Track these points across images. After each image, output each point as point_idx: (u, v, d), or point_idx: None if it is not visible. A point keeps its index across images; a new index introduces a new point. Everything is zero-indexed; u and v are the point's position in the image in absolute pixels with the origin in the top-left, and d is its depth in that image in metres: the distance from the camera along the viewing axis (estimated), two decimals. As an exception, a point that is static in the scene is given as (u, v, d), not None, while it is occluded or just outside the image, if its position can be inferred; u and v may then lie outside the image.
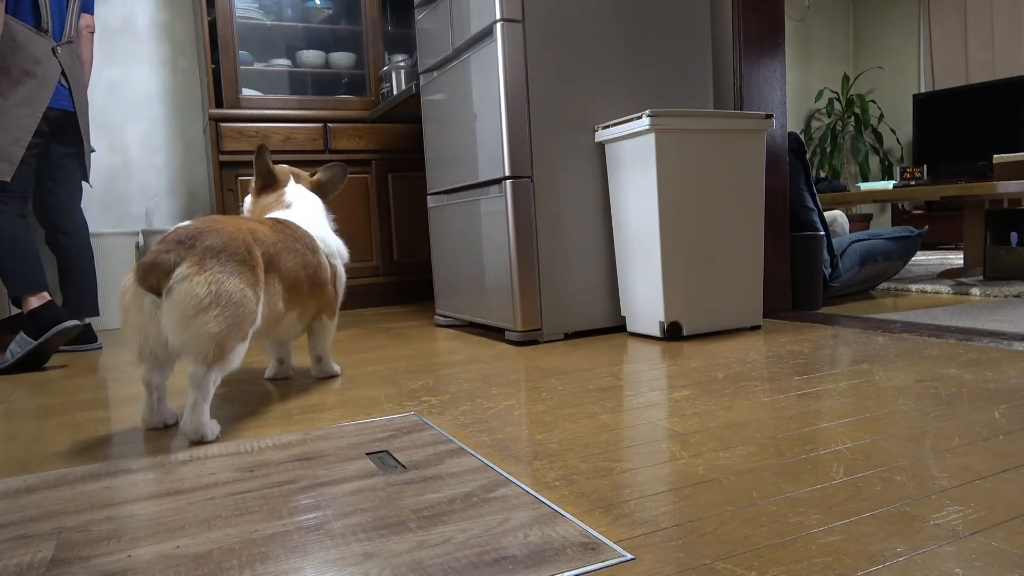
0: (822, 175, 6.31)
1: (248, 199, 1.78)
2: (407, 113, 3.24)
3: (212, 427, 1.23)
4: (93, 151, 2.74)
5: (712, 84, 2.33)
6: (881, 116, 6.40)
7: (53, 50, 2.32)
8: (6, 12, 2.21)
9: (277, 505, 0.90)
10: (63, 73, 2.37)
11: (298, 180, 1.78)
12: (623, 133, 2.02)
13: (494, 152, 2.09)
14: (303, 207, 1.69)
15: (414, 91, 2.79)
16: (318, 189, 1.81)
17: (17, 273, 2.20)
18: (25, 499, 0.97)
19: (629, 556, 0.72)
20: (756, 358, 1.69)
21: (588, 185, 2.16)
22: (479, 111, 2.16)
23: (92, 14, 2.56)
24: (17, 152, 2.24)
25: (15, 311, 2.74)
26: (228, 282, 1.21)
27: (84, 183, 2.59)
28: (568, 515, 0.82)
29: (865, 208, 6.21)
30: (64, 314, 2.16)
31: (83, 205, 2.59)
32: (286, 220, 1.57)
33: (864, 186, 4.05)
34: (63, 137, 2.44)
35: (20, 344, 2.09)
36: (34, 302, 2.17)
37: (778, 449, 1.02)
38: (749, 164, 2.08)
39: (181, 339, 1.18)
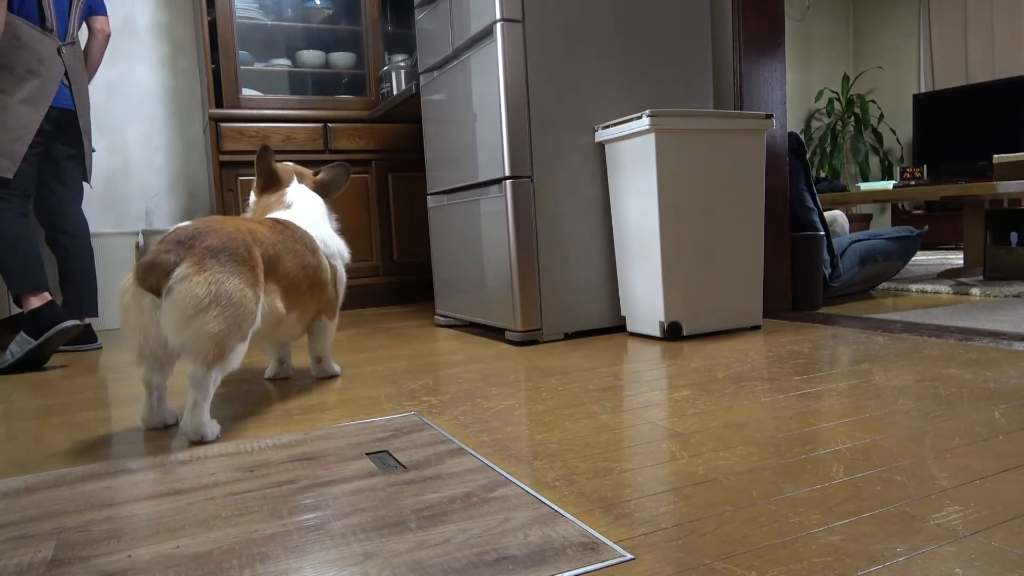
0: (822, 175, 6.31)
1: (252, 198, 1.78)
2: (407, 113, 3.24)
3: (212, 427, 1.23)
4: (94, 151, 2.74)
5: (712, 84, 2.33)
6: (881, 116, 6.40)
7: (58, 50, 2.33)
8: (12, 12, 2.22)
9: (277, 505, 0.90)
10: (66, 73, 2.37)
11: (301, 179, 1.77)
12: (623, 133, 2.02)
13: (494, 152, 2.09)
14: (304, 207, 1.69)
15: (414, 91, 2.79)
16: (321, 189, 1.81)
17: (18, 272, 2.19)
18: (25, 499, 0.97)
19: (629, 556, 0.72)
20: (756, 358, 1.69)
21: (588, 185, 2.16)
22: (479, 111, 2.16)
23: (105, 16, 2.56)
24: (20, 149, 2.24)
25: (15, 311, 2.74)
26: (228, 282, 1.21)
27: (85, 184, 2.59)
28: (568, 515, 0.82)
29: (865, 208, 6.21)
30: (64, 314, 2.16)
31: (83, 205, 2.59)
32: (286, 220, 1.57)
33: (864, 186, 4.05)
34: (65, 136, 2.44)
35: (20, 344, 2.09)
36: (35, 302, 2.17)
37: (778, 449, 1.02)
38: (749, 164, 2.08)
39: (181, 339, 1.18)
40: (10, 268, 2.20)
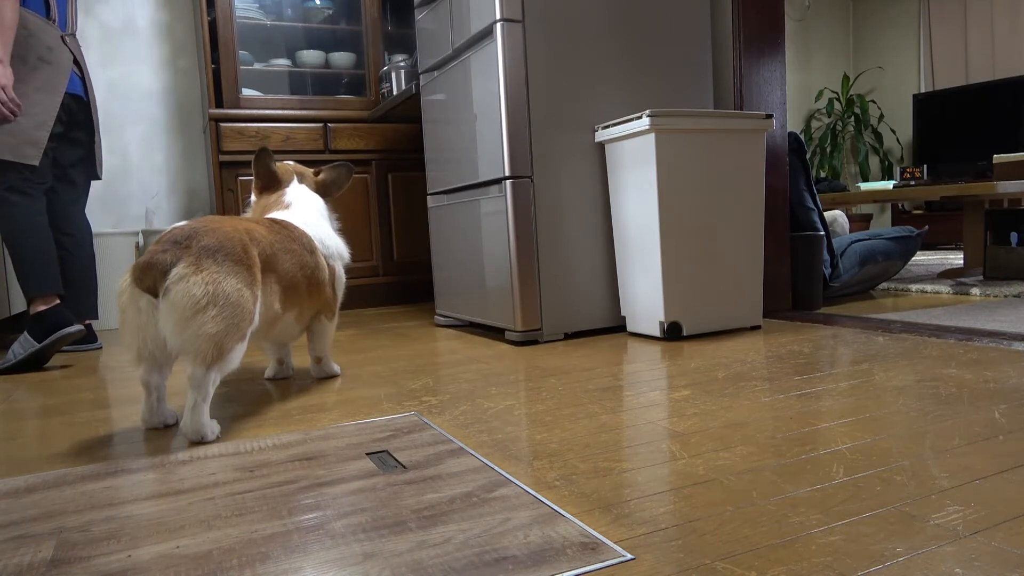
0: (822, 175, 6.31)
1: (252, 198, 1.78)
2: (407, 113, 3.24)
3: (212, 427, 1.23)
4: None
5: (712, 84, 2.33)
6: (881, 116, 6.40)
7: (62, 38, 2.33)
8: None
9: (277, 505, 0.90)
10: (75, 61, 2.37)
11: (302, 179, 1.77)
12: (623, 133, 2.02)
13: (494, 152, 2.09)
14: (302, 207, 1.69)
15: (414, 91, 2.79)
16: (322, 189, 1.80)
17: (31, 275, 2.16)
18: (25, 499, 0.97)
19: (629, 556, 0.72)
20: (756, 358, 1.69)
21: (588, 185, 2.16)
22: (479, 111, 2.16)
23: None
24: (42, 136, 2.23)
25: (15, 311, 2.74)
26: (225, 282, 1.21)
27: (94, 178, 2.57)
28: (568, 515, 0.82)
29: (865, 208, 6.21)
30: (70, 318, 2.15)
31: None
32: (283, 220, 1.57)
33: (864, 186, 4.05)
34: (76, 129, 2.42)
35: (23, 345, 2.09)
36: (41, 306, 2.15)
37: (778, 449, 1.02)
38: (749, 164, 2.08)
39: (179, 340, 1.18)
40: (25, 271, 2.18)
